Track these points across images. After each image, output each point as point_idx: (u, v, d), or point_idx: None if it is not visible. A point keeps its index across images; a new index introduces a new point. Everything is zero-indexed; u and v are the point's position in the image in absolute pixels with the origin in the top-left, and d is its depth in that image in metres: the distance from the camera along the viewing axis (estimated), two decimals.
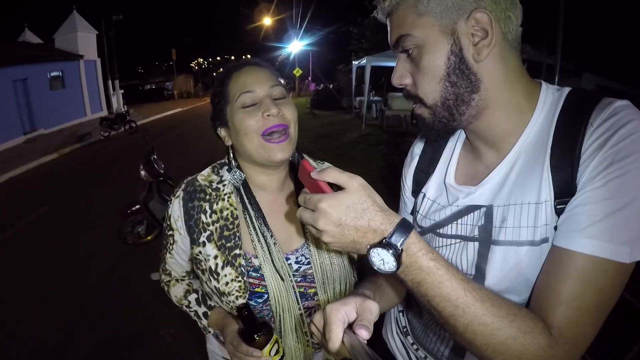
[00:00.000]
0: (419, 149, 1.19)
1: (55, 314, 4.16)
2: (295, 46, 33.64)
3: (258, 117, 1.19)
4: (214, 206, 1.27)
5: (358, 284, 1.25)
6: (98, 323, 3.96)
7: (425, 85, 0.88)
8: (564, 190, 0.80)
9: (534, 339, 0.71)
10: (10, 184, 11.00)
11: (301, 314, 1.28)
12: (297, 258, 1.29)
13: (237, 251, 1.24)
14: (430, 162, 1.14)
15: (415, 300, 0.79)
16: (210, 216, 1.26)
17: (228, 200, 1.27)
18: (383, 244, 0.72)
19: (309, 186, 0.82)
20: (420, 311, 1.14)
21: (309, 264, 1.29)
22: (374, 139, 11.99)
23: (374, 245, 0.73)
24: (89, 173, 11.13)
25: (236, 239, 1.25)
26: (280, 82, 1.28)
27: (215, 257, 1.24)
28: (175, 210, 1.28)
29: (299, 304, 1.27)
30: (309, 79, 39.32)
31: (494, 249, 0.89)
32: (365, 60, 14.32)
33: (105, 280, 4.82)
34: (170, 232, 1.32)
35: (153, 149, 5.29)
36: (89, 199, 8.40)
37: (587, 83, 10.08)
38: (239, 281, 1.22)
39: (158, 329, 3.78)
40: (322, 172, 0.77)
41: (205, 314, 1.39)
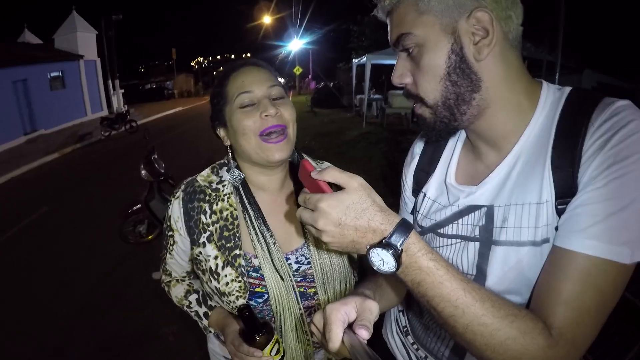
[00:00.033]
0: (419, 148, 1.19)
1: (56, 314, 4.17)
2: (296, 44, 33.63)
3: (256, 118, 1.19)
4: (214, 207, 1.27)
5: (358, 284, 1.25)
6: (99, 322, 3.97)
7: (426, 84, 0.88)
8: (565, 191, 0.79)
9: (533, 340, 0.71)
10: (11, 184, 11.03)
11: (301, 313, 1.28)
12: (297, 258, 1.29)
13: (237, 251, 1.24)
14: (430, 162, 1.13)
15: (415, 300, 0.79)
16: (210, 217, 1.26)
17: (228, 201, 1.27)
18: (383, 244, 0.72)
19: (309, 186, 0.82)
20: (421, 311, 1.13)
21: (308, 264, 1.28)
22: (375, 137, 11.96)
23: (373, 246, 0.73)
24: (90, 173, 11.15)
25: (236, 239, 1.25)
26: (279, 82, 1.28)
27: (216, 258, 1.24)
28: (175, 211, 1.28)
29: (299, 303, 1.27)
30: (309, 77, 39.29)
31: (494, 249, 0.89)
32: (365, 58, 14.29)
33: (107, 280, 4.83)
34: (170, 233, 1.32)
35: (153, 149, 5.30)
36: (89, 199, 8.42)
37: (588, 80, 10.05)
38: (239, 281, 1.22)
39: (159, 329, 3.78)
40: (322, 172, 0.77)
41: (205, 314, 1.39)
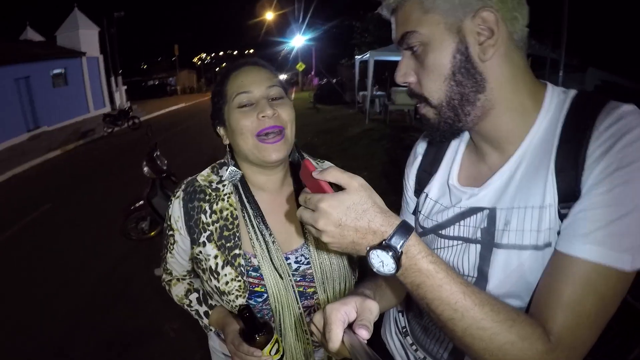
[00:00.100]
0: (422, 148, 1.18)
1: (60, 310, 4.19)
2: (298, 40, 33.54)
3: (253, 118, 1.19)
4: (214, 206, 1.27)
5: (358, 284, 1.24)
6: (101, 320, 3.99)
7: (430, 83, 0.87)
8: (568, 195, 0.78)
9: (532, 345, 0.71)
10: (14, 181, 11.07)
11: (300, 312, 1.28)
12: (297, 258, 1.28)
13: (237, 251, 1.24)
14: (433, 162, 1.12)
15: (415, 301, 0.78)
16: (210, 216, 1.26)
17: (228, 201, 1.28)
18: (383, 246, 0.72)
19: (310, 186, 0.81)
20: (420, 312, 1.13)
21: (308, 264, 1.28)
22: (377, 133, 11.94)
23: (373, 247, 0.73)
24: (92, 170, 11.17)
25: (236, 239, 1.25)
26: (278, 83, 1.27)
27: (215, 257, 1.24)
28: (176, 210, 1.29)
29: (298, 302, 1.27)
30: (312, 73, 39.25)
31: (496, 252, 0.88)
32: (368, 55, 14.27)
33: (109, 277, 4.86)
34: (170, 232, 1.32)
35: (156, 146, 5.30)
36: (92, 196, 8.45)
37: (592, 78, 10.00)
38: (239, 281, 1.23)
39: (161, 326, 3.79)
40: (323, 172, 0.77)
41: (206, 313, 1.39)
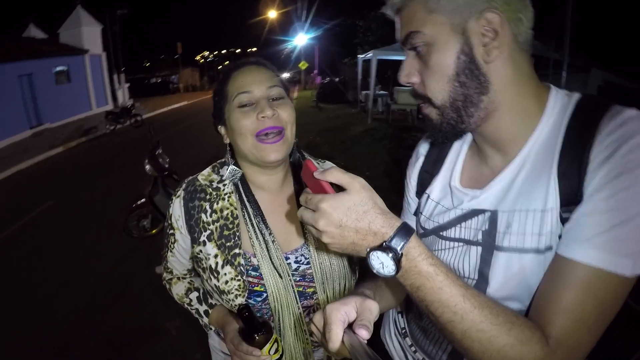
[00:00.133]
0: (425, 149, 1.18)
1: (61, 308, 4.20)
2: (301, 39, 33.54)
3: (253, 118, 1.19)
4: (214, 206, 1.27)
5: (358, 284, 1.24)
6: (103, 318, 4.00)
7: (434, 84, 0.87)
8: (570, 199, 0.78)
9: (530, 348, 0.71)
10: (16, 177, 11.09)
11: (300, 312, 1.28)
12: (297, 258, 1.28)
13: (237, 250, 1.24)
14: (435, 163, 1.12)
15: (414, 303, 0.78)
16: (211, 215, 1.26)
17: (228, 200, 1.28)
18: (383, 248, 0.72)
19: (311, 186, 0.81)
20: (420, 313, 1.13)
21: (308, 264, 1.28)
22: (380, 133, 11.92)
23: (373, 249, 0.73)
24: (95, 167, 11.19)
25: (236, 238, 1.25)
26: (279, 83, 1.27)
27: (216, 256, 1.24)
28: (176, 209, 1.29)
29: (297, 302, 1.27)
30: (315, 72, 39.24)
31: (497, 254, 0.88)
32: (371, 54, 14.25)
33: (111, 274, 4.87)
34: (171, 231, 1.33)
35: (158, 144, 5.31)
36: (94, 193, 8.46)
37: (595, 79, 9.96)
38: (238, 280, 1.23)
39: (163, 323, 3.80)
40: (325, 172, 0.77)
41: (206, 312, 1.40)
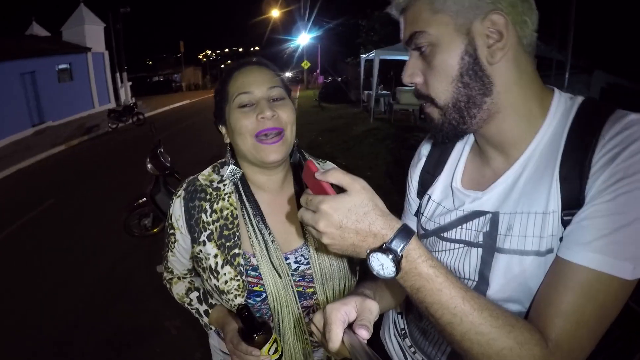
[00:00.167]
0: (427, 150, 1.18)
1: (61, 306, 4.21)
2: (304, 38, 33.59)
3: (253, 119, 1.19)
4: (214, 206, 1.27)
5: (358, 284, 1.24)
6: (103, 316, 4.01)
7: (437, 84, 0.87)
8: (572, 202, 0.78)
9: (529, 351, 0.71)
10: (18, 175, 11.11)
11: (300, 312, 1.28)
12: (297, 258, 1.29)
13: (236, 250, 1.24)
14: (437, 164, 1.12)
15: (414, 304, 0.78)
16: (211, 215, 1.26)
17: (228, 200, 1.28)
18: (383, 249, 0.72)
19: (312, 187, 0.81)
20: (419, 315, 1.12)
21: (308, 264, 1.28)
22: (382, 133, 11.93)
23: (373, 250, 0.73)
24: (97, 165, 11.21)
25: (235, 238, 1.25)
26: (280, 83, 1.27)
27: (215, 256, 1.25)
28: (177, 209, 1.29)
29: (297, 302, 1.27)
30: (317, 71, 39.30)
31: (497, 256, 0.88)
32: (373, 54, 14.24)
33: (112, 273, 4.88)
34: (171, 231, 1.33)
35: (160, 143, 5.31)
36: (96, 191, 8.48)
37: (598, 80, 9.95)
38: (238, 280, 1.23)
39: (163, 322, 3.81)
40: (326, 173, 0.77)
41: (206, 312, 1.40)
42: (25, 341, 3.72)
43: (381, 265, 0.72)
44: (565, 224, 0.79)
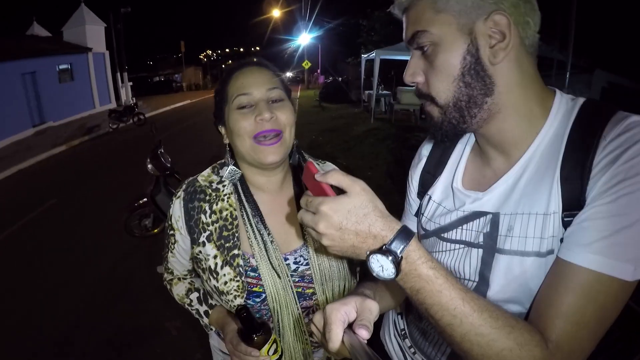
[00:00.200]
0: (427, 150, 1.18)
1: (63, 306, 4.21)
2: (304, 38, 33.62)
3: (251, 120, 1.19)
4: (214, 207, 1.27)
5: (358, 284, 1.24)
6: (105, 316, 4.00)
7: (439, 84, 0.87)
8: (573, 203, 0.78)
9: (529, 352, 0.71)
10: (19, 176, 11.11)
11: (299, 313, 1.28)
12: (296, 259, 1.29)
13: (236, 251, 1.24)
14: (437, 165, 1.12)
15: (414, 305, 0.78)
16: (210, 216, 1.26)
17: (227, 201, 1.28)
18: (383, 251, 0.71)
19: (312, 188, 0.81)
20: (419, 315, 1.12)
21: (307, 265, 1.28)
22: (382, 133, 11.91)
23: (373, 251, 0.73)
24: (98, 165, 11.20)
25: (235, 239, 1.25)
26: (279, 85, 1.27)
27: (215, 257, 1.24)
28: (176, 210, 1.29)
29: (296, 303, 1.27)
30: (318, 71, 39.30)
31: (498, 257, 0.88)
32: (374, 53, 14.22)
33: (113, 273, 4.87)
34: (171, 232, 1.33)
35: (160, 143, 5.30)
36: (97, 192, 8.47)
37: (599, 80, 9.94)
38: (237, 281, 1.23)
39: (164, 323, 3.81)
40: (325, 175, 0.76)
41: (206, 313, 1.40)
42: (25, 341, 3.71)
43: (381, 266, 0.72)
44: (566, 225, 0.79)
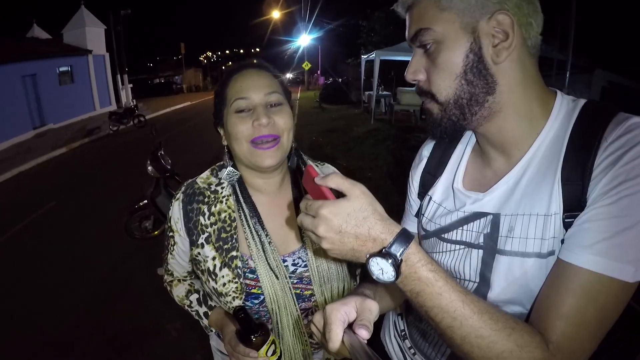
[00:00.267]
0: (428, 151, 1.18)
1: (63, 308, 4.21)
2: (304, 39, 33.66)
3: (249, 125, 1.19)
4: (212, 208, 1.27)
5: (359, 284, 1.24)
6: (105, 317, 4.01)
7: (440, 81, 0.87)
8: (574, 204, 0.78)
9: (530, 354, 0.71)
10: (19, 178, 11.12)
11: (298, 314, 1.28)
12: (294, 260, 1.29)
13: (234, 253, 1.24)
14: (438, 165, 1.12)
15: (414, 308, 0.78)
16: (209, 218, 1.26)
17: (226, 203, 1.28)
18: (382, 254, 0.72)
19: (311, 192, 0.81)
20: (419, 316, 1.12)
21: (305, 266, 1.28)
22: (382, 134, 11.93)
23: (373, 255, 0.73)
24: (98, 167, 11.21)
25: (233, 241, 1.25)
26: (278, 89, 1.27)
27: (214, 259, 1.25)
28: (175, 212, 1.29)
29: (295, 304, 1.27)
30: (318, 72, 39.33)
31: (499, 258, 0.88)
32: (374, 54, 14.22)
33: (113, 275, 4.87)
34: (171, 234, 1.33)
35: (160, 145, 5.31)
36: (97, 194, 8.48)
37: (599, 79, 9.94)
38: (236, 282, 1.23)
39: (164, 324, 3.81)
40: (325, 178, 0.76)
41: (205, 314, 1.40)
42: (26, 342, 3.72)
43: (381, 269, 0.72)
44: (567, 226, 0.79)
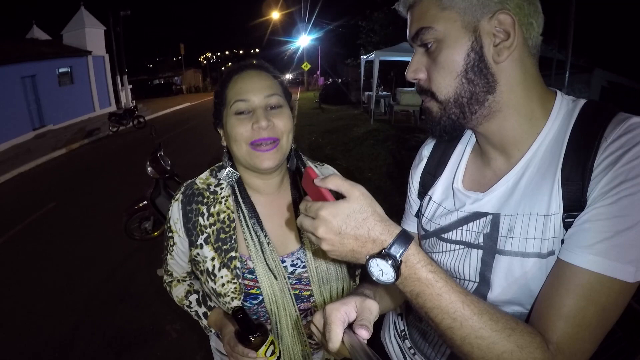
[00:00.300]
0: (428, 151, 1.18)
1: (63, 309, 4.20)
2: (304, 40, 33.69)
3: (248, 127, 1.19)
4: (211, 209, 1.27)
5: (359, 284, 1.24)
6: (105, 318, 4.00)
7: (441, 79, 0.87)
8: (574, 204, 0.78)
9: (530, 354, 0.71)
10: (19, 179, 11.11)
11: (297, 314, 1.28)
12: (293, 261, 1.29)
13: (233, 254, 1.24)
14: (438, 165, 1.12)
15: (414, 309, 0.78)
16: (208, 219, 1.26)
17: (225, 204, 1.28)
18: (382, 255, 0.71)
19: (311, 193, 0.81)
20: (420, 317, 1.13)
21: (304, 267, 1.28)
22: (382, 134, 11.93)
23: (373, 256, 0.73)
24: (98, 168, 11.20)
25: (232, 241, 1.25)
26: (278, 90, 1.27)
27: (212, 259, 1.25)
28: (175, 213, 1.29)
29: (294, 305, 1.27)
30: (318, 73, 39.34)
31: (498, 258, 0.88)
32: (373, 55, 14.23)
33: (113, 276, 4.87)
34: (170, 235, 1.33)
35: (160, 146, 5.31)
36: (97, 195, 8.47)
37: (598, 79, 9.96)
38: (234, 283, 1.23)
39: (164, 325, 3.80)
40: (325, 180, 0.77)
41: (205, 314, 1.40)
42: (26, 342, 3.72)
43: (380, 270, 0.72)
44: (567, 226, 0.79)
